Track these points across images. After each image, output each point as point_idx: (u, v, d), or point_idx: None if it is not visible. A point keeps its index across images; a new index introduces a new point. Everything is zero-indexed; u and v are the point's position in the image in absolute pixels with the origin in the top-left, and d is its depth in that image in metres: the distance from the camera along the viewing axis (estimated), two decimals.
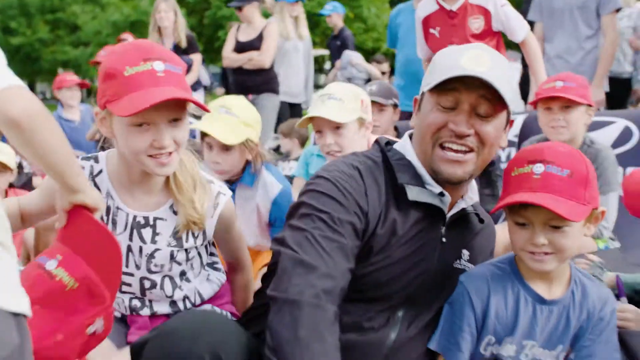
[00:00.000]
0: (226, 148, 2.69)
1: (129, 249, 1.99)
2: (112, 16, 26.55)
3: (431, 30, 3.93)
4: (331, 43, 9.02)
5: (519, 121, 4.00)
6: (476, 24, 3.75)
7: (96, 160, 1.98)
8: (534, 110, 3.41)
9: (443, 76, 1.76)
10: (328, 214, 1.75)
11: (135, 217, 1.97)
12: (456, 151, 1.81)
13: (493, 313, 1.88)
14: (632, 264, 2.85)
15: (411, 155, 1.91)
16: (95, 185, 1.94)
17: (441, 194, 1.87)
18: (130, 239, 1.98)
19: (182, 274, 2.09)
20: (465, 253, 1.99)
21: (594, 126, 3.88)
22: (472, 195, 1.99)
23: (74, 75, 6.63)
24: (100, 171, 1.96)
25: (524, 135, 3.98)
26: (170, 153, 1.84)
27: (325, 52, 12.76)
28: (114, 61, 1.78)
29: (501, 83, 1.75)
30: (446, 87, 1.77)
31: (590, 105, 3.17)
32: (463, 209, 1.94)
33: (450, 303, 1.94)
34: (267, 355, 1.65)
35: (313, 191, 1.81)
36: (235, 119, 2.70)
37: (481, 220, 2.03)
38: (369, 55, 14.51)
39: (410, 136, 1.97)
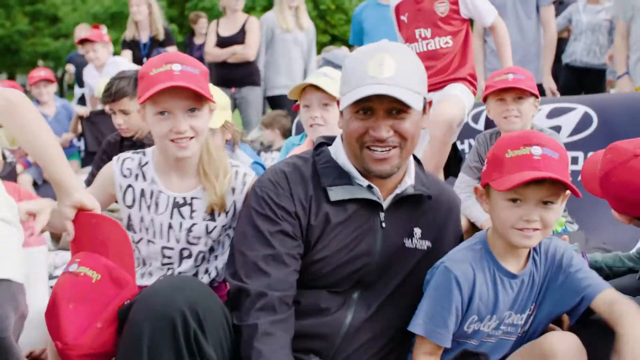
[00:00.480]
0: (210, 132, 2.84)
1: (170, 226, 2.26)
2: (92, 8, 26.36)
3: (401, 17, 3.96)
4: None
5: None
6: (442, 7, 3.78)
7: (144, 153, 2.33)
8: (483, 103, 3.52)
9: (355, 93, 1.94)
10: (261, 234, 2.01)
11: (175, 198, 2.26)
12: (381, 151, 1.99)
13: (477, 295, 2.01)
14: (594, 247, 2.98)
15: (342, 155, 2.10)
16: (143, 174, 2.29)
17: (369, 187, 2.05)
18: (171, 217, 2.26)
19: (212, 250, 2.30)
20: (417, 231, 2.13)
21: (555, 113, 4.03)
22: (407, 179, 2.11)
23: (42, 70, 6.55)
24: (147, 162, 2.30)
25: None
26: (190, 138, 2.15)
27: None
28: (145, 67, 2.20)
29: (408, 82, 1.94)
30: (360, 99, 1.94)
31: (537, 97, 3.34)
32: (402, 192, 2.09)
33: (436, 288, 2.02)
34: None
35: (249, 213, 2.08)
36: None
37: (428, 197, 2.14)
38: (350, 47, 14.53)
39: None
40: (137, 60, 6.50)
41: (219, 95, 3.09)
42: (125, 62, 6.26)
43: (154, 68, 2.14)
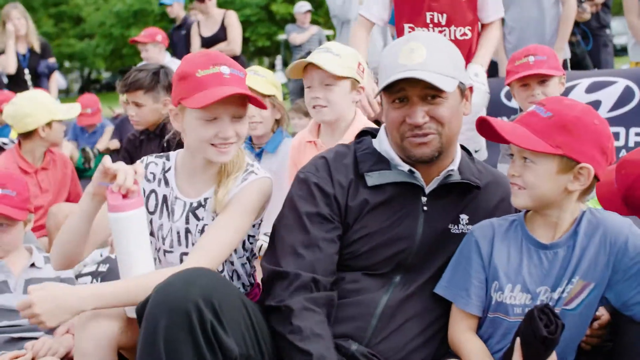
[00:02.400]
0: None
1: (187, 230, 2.21)
2: (115, 6, 26.54)
3: None
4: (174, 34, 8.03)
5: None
6: None
7: (167, 158, 2.29)
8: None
9: (386, 80, 1.97)
10: (299, 218, 2.06)
11: (191, 203, 2.21)
12: (420, 137, 2.00)
13: (497, 259, 1.98)
14: None
15: (385, 143, 2.13)
16: (165, 180, 2.25)
17: (410, 171, 2.06)
18: (187, 222, 2.21)
19: None
20: (464, 217, 2.12)
21: (594, 87, 3.92)
22: (451, 166, 2.10)
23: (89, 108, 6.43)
24: (170, 168, 2.26)
25: None
26: (232, 143, 2.10)
27: (329, 32, 12.65)
28: (187, 66, 2.09)
29: (440, 67, 1.95)
30: (393, 87, 1.98)
31: (563, 74, 3.22)
32: (448, 177, 2.09)
33: (459, 252, 2.06)
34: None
35: (290, 197, 2.13)
36: (263, 78, 3.10)
37: (477, 187, 2.14)
38: None
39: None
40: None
41: (272, 74, 3.21)
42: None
43: (200, 69, 2.05)
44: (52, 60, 6.75)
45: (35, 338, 2.42)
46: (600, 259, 1.92)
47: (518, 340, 1.85)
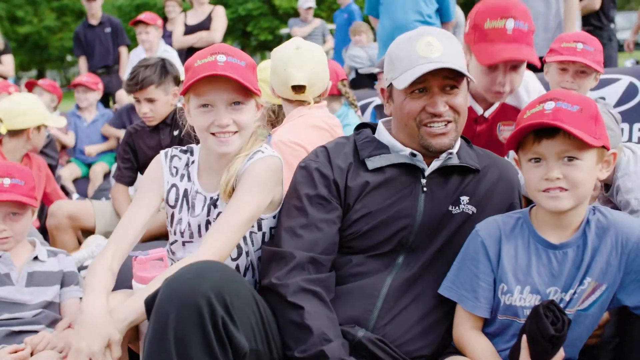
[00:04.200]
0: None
1: (208, 222, 2.22)
2: (117, 0, 26.57)
3: None
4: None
5: None
6: (506, 133, 2.94)
7: (192, 153, 2.31)
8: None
9: (411, 73, 2.01)
10: (300, 201, 2.11)
11: (212, 197, 2.23)
12: (439, 126, 2.08)
13: (505, 260, 1.94)
14: None
15: (385, 134, 2.20)
16: (188, 174, 2.28)
17: (412, 154, 2.12)
18: (208, 215, 2.23)
19: (244, 241, 2.22)
20: (464, 198, 2.15)
21: (598, 84, 3.89)
22: (452, 151, 2.15)
23: (85, 76, 6.48)
24: (193, 161, 2.29)
25: None
26: (233, 133, 2.10)
27: (332, 26, 12.66)
28: (191, 58, 2.14)
29: (456, 59, 2.05)
30: (415, 79, 2.01)
31: (600, 72, 3.12)
32: (448, 160, 2.13)
33: (465, 252, 2.02)
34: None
35: (293, 184, 2.18)
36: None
37: (476, 170, 2.18)
38: None
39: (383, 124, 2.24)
40: None
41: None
42: (175, 53, 6.44)
43: (199, 59, 2.10)
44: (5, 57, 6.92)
45: (36, 332, 2.42)
46: (612, 260, 1.89)
47: (524, 338, 1.83)
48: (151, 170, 2.31)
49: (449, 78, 2.04)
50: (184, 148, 2.32)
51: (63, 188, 4.85)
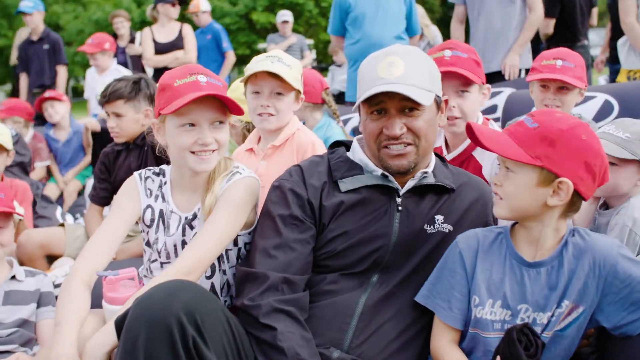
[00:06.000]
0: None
1: (184, 242, 2.22)
2: (94, 15, 26.38)
3: None
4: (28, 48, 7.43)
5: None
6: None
7: (163, 174, 2.32)
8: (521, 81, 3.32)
9: (365, 92, 2.02)
10: (273, 221, 2.10)
11: (186, 217, 2.24)
12: (397, 148, 2.07)
13: (479, 272, 1.96)
14: None
15: (358, 152, 2.20)
16: (162, 195, 2.28)
17: (384, 175, 2.12)
18: (184, 235, 2.23)
19: (219, 260, 2.24)
20: (439, 218, 2.16)
21: None
22: (427, 170, 2.16)
23: (47, 92, 6.12)
24: (165, 182, 2.30)
25: (507, 112, 4.04)
26: (212, 151, 2.13)
27: (310, 41, 12.77)
28: (165, 79, 2.15)
29: (417, 80, 2.01)
30: (372, 100, 2.03)
31: (585, 87, 3.14)
32: (423, 179, 2.15)
33: (443, 261, 2.05)
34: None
35: (266, 203, 2.18)
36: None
37: (451, 190, 2.19)
38: None
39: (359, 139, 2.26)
40: None
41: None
42: (125, 71, 6.46)
43: (178, 79, 2.10)
44: None
45: (9, 352, 2.38)
46: (590, 282, 1.90)
47: (498, 359, 1.83)
48: (126, 188, 2.30)
49: (408, 100, 2.00)
50: (156, 170, 2.32)
51: (46, 198, 4.80)
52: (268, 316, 1.93)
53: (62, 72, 7.19)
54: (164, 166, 2.35)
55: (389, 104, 2.03)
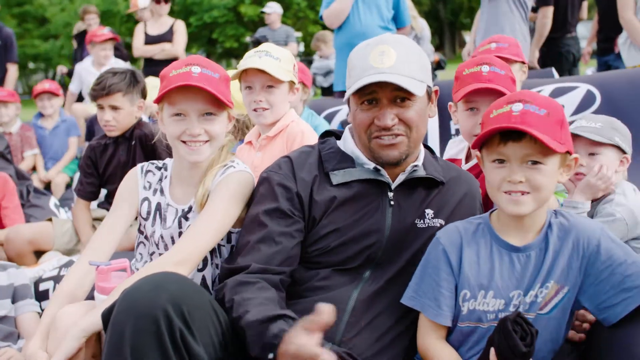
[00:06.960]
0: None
1: (180, 234, 2.23)
2: (80, 7, 26.19)
3: None
4: None
5: None
6: None
7: (165, 169, 2.35)
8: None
9: (357, 82, 1.98)
10: (258, 215, 2.06)
11: (182, 209, 2.25)
12: (388, 138, 2.03)
13: (467, 266, 1.94)
14: None
15: (350, 143, 2.16)
16: (161, 189, 2.31)
17: (376, 169, 2.08)
18: (180, 227, 2.24)
19: (212, 253, 2.24)
20: (429, 212, 2.14)
21: (557, 92, 3.98)
22: (417, 163, 2.14)
23: (47, 83, 6.30)
24: (166, 177, 2.32)
25: None
26: (204, 142, 2.15)
27: (298, 34, 12.68)
28: (166, 69, 2.19)
29: (409, 70, 1.98)
30: (364, 90, 1.99)
31: (523, 63, 3.21)
32: (413, 172, 2.12)
33: (426, 260, 2.00)
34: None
35: (254, 196, 2.16)
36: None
37: (441, 182, 2.17)
38: None
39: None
40: None
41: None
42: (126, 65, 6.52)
43: (174, 69, 2.14)
44: None
45: None
46: (573, 263, 1.90)
47: (493, 351, 1.81)
48: (126, 182, 2.35)
49: (400, 90, 1.97)
50: (159, 164, 2.36)
51: (37, 190, 4.81)
52: (232, 290, 1.92)
53: (12, 70, 6.89)
54: (167, 160, 2.38)
55: (380, 94, 1.99)
